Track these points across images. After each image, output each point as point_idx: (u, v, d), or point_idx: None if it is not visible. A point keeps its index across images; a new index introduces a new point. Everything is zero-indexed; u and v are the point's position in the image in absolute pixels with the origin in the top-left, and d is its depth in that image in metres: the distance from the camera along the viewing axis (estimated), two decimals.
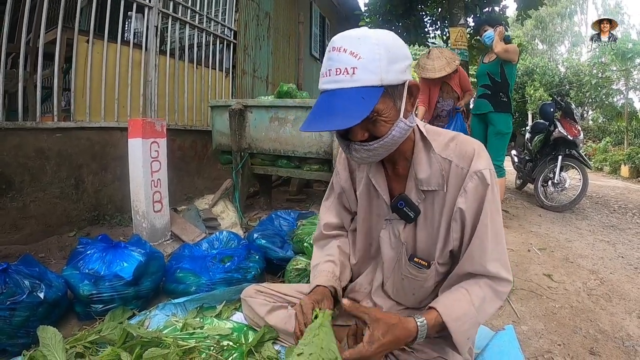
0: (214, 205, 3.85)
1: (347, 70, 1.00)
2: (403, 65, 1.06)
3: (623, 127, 15.91)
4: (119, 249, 2.21)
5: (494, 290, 1.21)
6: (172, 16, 4.67)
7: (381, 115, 1.06)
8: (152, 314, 1.99)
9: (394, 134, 1.09)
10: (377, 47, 1.01)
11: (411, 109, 1.15)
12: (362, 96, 1.00)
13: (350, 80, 1.00)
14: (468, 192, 1.19)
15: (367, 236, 1.48)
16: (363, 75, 1.00)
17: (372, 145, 1.10)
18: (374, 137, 1.10)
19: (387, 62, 1.02)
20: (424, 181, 1.25)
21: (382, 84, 1.02)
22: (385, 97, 1.04)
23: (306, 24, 9.20)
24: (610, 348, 2.01)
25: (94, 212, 3.69)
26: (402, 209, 1.29)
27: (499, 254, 1.21)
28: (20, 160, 3.11)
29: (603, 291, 2.74)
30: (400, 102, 1.08)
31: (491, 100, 4.46)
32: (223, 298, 2.09)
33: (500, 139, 4.46)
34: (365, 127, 1.08)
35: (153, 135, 3.03)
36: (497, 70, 4.41)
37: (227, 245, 2.68)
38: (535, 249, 3.62)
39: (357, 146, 1.11)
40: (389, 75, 1.02)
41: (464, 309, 1.17)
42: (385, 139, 1.09)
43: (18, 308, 1.72)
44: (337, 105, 1.01)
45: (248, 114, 3.83)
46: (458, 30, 6.96)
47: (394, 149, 1.17)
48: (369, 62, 1.00)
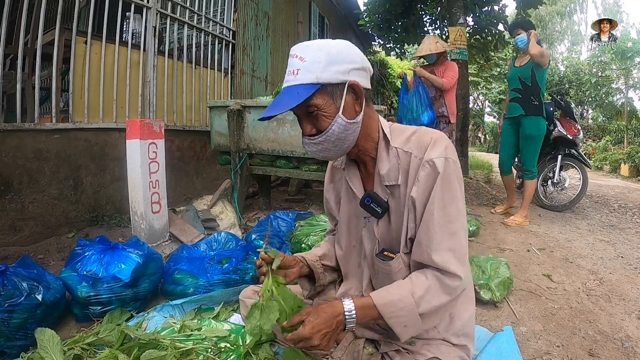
0: (213, 206, 3.84)
1: (294, 71, 1.19)
2: (344, 67, 1.20)
3: (623, 126, 15.91)
4: (117, 251, 2.21)
5: (440, 283, 1.20)
6: (171, 16, 4.66)
7: (320, 110, 1.20)
8: (150, 316, 1.99)
9: (334, 128, 1.21)
10: (320, 52, 1.18)
11: (359, 110, 1.26)
12: (297, 91, 1.17)
13: (293, 79, 1.19)
14: (420, 181, 1.23)
15: (350, 238, 1.53)
16: (303, 75, 1.17)
17: (317, 139, 1.23)
18: (319, 131, 1.23)
19: (325, 64, 1.17)
20: (385, 177, 1.31)
21: (318, 81, 1.16)
22: (322, 94, 1.19)
23: (305, 23, 9.19)
24: (609, 349, 2.00)
25: (93, 213, 3.68)
26: (369, 206, 1.35)
27: (450, 245, 1.20)
28: (18, 162, 3.11)
29: (602, 291, 2.73)
30: (339, 100, 1.21)
31: (522, 104, 4.49)
32: (221, 299, 2.10)
33: (530, 142, 4.51)
34: (310, 122, 1.23)
35: (151, 136, 3.02)
36: (528, 74, 4.43)
37: (225, 246, 2.68)
38: (535, 249, 3.62)
39: (307, 140, 1.27)
40: (324, 74, 1.17)
41: (400, 295, 1.20)
42: (326, 134, 1.22)
43: (16, 310, 1.73)
44: (280, 99, 1.21)
45: (246, 114, 3.82)
46: (457, 29, 6.96)
47: (344, 145, 1.27)
48: (310, 64, 1.17)
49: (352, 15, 11.50)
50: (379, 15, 9.23)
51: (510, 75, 4.77)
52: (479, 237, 3.92)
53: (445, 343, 1.34)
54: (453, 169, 1.22)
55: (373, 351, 1.41)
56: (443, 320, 1.35)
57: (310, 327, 1.16)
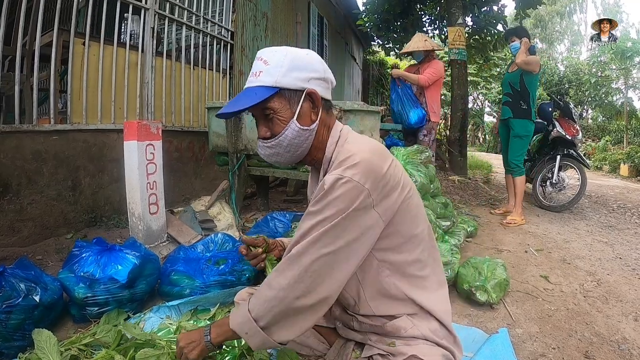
0: (211, 207, 3.85)
1: (256, 73, 1.22)
2: (304, 75, 1.22)
3: (622, 126, 15.94)
4: (114, 252, 2.21)
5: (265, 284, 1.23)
6: (169, 17, 4.65)
7: (276, 113, 1.21)
8: (147, 317, 2.00)
9: (287, 133, 1.22)
10: (284, 57, 1.21)
11: (315, 117, 1.27)
12: (255, 92, 1.19)
13: (255, 80, 1.21)
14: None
15: None
16: (263, 77, 1.20)
17: (270, 142, 1.25)
18: (273, 135, 1.24)
19: (287, 69, 1.19)
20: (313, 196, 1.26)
21: (277, 85, 1.19)
22: (280, 98, 1.21)
23: (304, 24, 9.17)
24: (605, 351, 2.01)
25: (91, 214, 3.69)
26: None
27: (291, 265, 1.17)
28: (17, 163, 3.11)
29: (600, 293, 2.74)
30: (295, 106, 1.22)
31: (512, 107, 4.77)
32: (217, 301, 2.10)
33: (518, 141, 4.77)
34: (265, 125, 1.25)
35: (148, 137, 3.03)
36: (517, 80, 4.68)
37: (222, 247, 2.68)
38: (533, 250, 3.62)
39: (261, 143, 1.29)
40: (284, 79, 1.19)
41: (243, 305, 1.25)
42: (279, 138, 1.23)
43: (14, 311, 1.73)
44: (238, 98, 1.25)
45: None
46: (456, 29, 6.95)
47: (297, 152, 1.28)
48: (272, 67, 1.20)
49: (352, 15, 11.50)
50: (378, 16, 9.24)
51: (503, 80, 5.05)
52: (476, 238, 3.92)
53: (426, 342, 1.30)
54: (340, 191, 1.12)
55: (359, 354, 1.41)
56: (417, 318, 1.32)
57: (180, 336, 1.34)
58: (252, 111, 1.25)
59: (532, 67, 4.52)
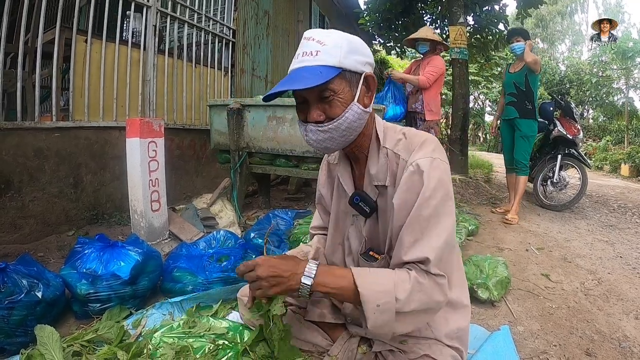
0: (212, 205, 3.85)
1: (312, 52, 1.15)
2: (362, 59, 1.19)
3: (623, 126, 15.92)
4: (117, 249, 2.21)
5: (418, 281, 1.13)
6: (171, 15, 4.66)
7: (337, 95, 1.16)
8: (149, 313, 2.00)
9: (347, 116, 1.17)
10: (340, 39, 1.16)
11: (368, 103, 1.24)
12: (320, 71, 1.12)
13: (312, 59, 1.14)
14: (401, 183, 1.20)
15: (335, 234, 1.53)
16: (324, 56, 1.14)
17: (326, 125, 1.18)
18: (329, 119, 1.18)
19: (347, 51, 1.15)
20: (374, 176, 1.30)
21: (340, 66, 1.14)
22: (341, 79, 1.16)
23: (305, 22, 9.17)
24: (606, 349, 2.01)
25: (93, 211, 3.69)
26: (357, 204, 1.34)
27: (430, 244, 1.13)
28: (19, 160, 3.11)
29: (601, 291, 2.74)
30: (356, 89, 1.19)
31: (517, 108, 4.77)
32: (219, 297, 2.10)
33: (525, 141, 4.81)
34: (321, 107, 1.18)
35: (151, 134, 3.03)
36: (522, 80, 4.71)
37: (224, 244, 2.68)
38: (534, 248, 3.62)
39: (312, 127, 1.20)
40: (346, 60, 1.15)
41: (377, 272, 1.17)
42: (339, 120, 1.17)
43: (16, 307, 1.74)
44: (297, 76, 1.14)
45: (246, 113, 3.83)
46: (457, 28, 6.94)
47: (349, 137, 1.23)
48: (331, 47, 1.14)
49: (353, 14, 11.47)
50: (379, 15, 9.21)
51: (505, 80, 5.05)
52: (477, 236, 3.92)
53: (438, 343, 1.33)
54: (439, 170, 1.18)
55: (367, 350, 1.41)
56: (436, 320, 1.34)
57: (265, 259, 1.18)
58: (307, 93, 1.17)
59: (538, 66, 4.60)
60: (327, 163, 1.58)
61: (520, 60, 4.74)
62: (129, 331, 1.81)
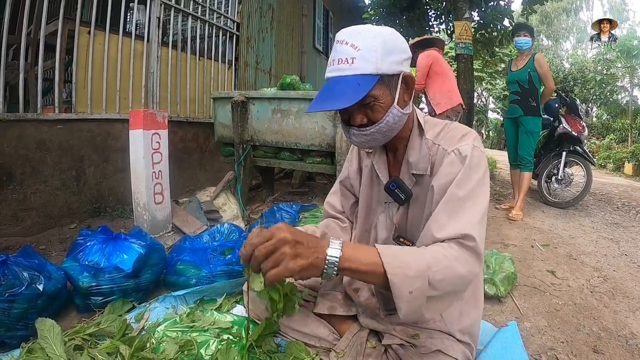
0: (216, 198, 3.83)
1: (347, 60, 1.13)
2: (399, 57, 1.18)
3: (627, 124, 15.86)
4: (119, 241, 2.19)
5: (460, 249, 1.09)
6: (175, 8, 4.63)
7: (377, 100, 1.17)
8: (152, 307, 1.98)
9: (388, 119, 1.19)
10: (375, 40, 1.13)
11: (408, 100, 1.26)
12: (358, 82, 1.12)
13: (349, 68, 1.13)
14: (441, 169, 1.22)
15: (365, 222, 1.52)
16: (361, 64, 1.12)
17: (368, 130, 1.21)
18: (371, 122, 1.20)
19: (383, 54, 1.13)
20: (413, 164, 1.31)
21: (378, 72, 1.13)
22: (380, 85, 1.15)
23: (309, 16, 9.14)
24: (613, 346, 1.99)
25: (95, 204, 3.68)
26: (394, 191, 1.34)
27: (468, 217, 1.12)
28: (21, 152, 3.10)
29: (606, 289, 2.72)
30: (395, 91, 1.19)
31: (521, 105, 4.79)
32: (224, 291, 2.08)
33: (529, 137, 4.81)
34: (363, 112, 1.19)
35: (154, 126, 3.01)
36: (525, 78, 4.71)
37: (228, 237, 2.66)
38: (539, 245, 3.60)
39: (355, 131, 1.23)
40: (383, 65, 1.13)
41: (408, 253, 1.10)
42: (380, 124, 1.20)
43: (17, 300, 1.71)
44: (336, 90, 1.14)
45: (250, 105, 3.80)
46: (463, 24, 6.90)
47: (391, 135, 1.26)
48: (366, 52, 1.12)
49: (357, 9, 11.44)
50: (384, 9, 9.18)
51: (508, 78, 5.04)
52: None
53: (449, 337, 1.33)
54: (479, 157, 1.20)
55: (377, 344, 1.40)
56: (450, 314, 1.34)
57: (285, 224, 1.06)
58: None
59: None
60: (357, 149, 1.59)
61: (523, 57, 4.78)
62: (132, 325, 1.79)
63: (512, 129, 5.04)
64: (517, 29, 4.88)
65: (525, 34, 4.71)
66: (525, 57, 4.75)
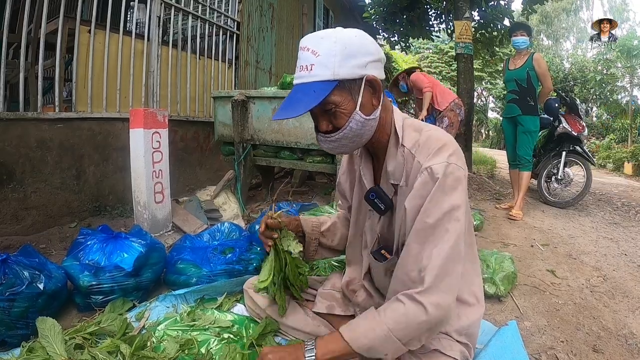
0: (216, 197, 3.83)
1: (307, 67, 1.13)
2: (362, 61, 1.14)
3: (627, 124, 15.82)
4: (120, 240, 2.19)
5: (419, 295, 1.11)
6: (175, 6, 4.62)
7: (339, 107, 1.15)
8: (152, 306, 1.98)
9: (351, 126, 1.16)
10: (335, 45, 1.11)
11: (377, 104, 1.22)
12: (314, 89, 1.11)
13: (308, 75, 1.13)
14: (414, 189, 1.17)
15: (356, 225, 1.53)
16: (318, 71, 1.11)
17: (334, 136, 1.19)
18: (335, 128, 1.18)
19: (342, 58, 1.11)
20: (390, 174, 1.28)
21: (336, 78, 1.11)
22: (340, 90, 1.13)
23: (310, 15, 9.13)
24: (613, 346, 1.99)
25: (96, 203, 3.68)
26: (373, 201, 1.33)
27: (433, 262, 1.11)
28: (21, 151, 3.09)
29: (606, 288, 2.72)
30: (357, 96, 1.16)
31: (519, 105, 4.78)
32: (224, 290, 2.08)
33: (528, 136, 4.81)
34: (327, 118, 1.18)
35: (155, 125, 3.01)
36: (523, 77, 4.71)
37: (228, 236, 2.66)
38: (539, 244, 3.60)
39: (322, 137, 1.22)
40: (342, 70, 1.11)
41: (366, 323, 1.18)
42: (344, 131, 1.17)
43: (17, 299, 1.71)
44: (294, 98, 1.15)
45: (251, 104, 3.80)
46: (463, 23, 6.90)
47: (361, 141, 1.23)
48: (324, 58, 1.11)
49: (357, 8, 11.44)
50: (384, 8, 9.17)
51: (506, 77, 5.04)
52: (482, 231, 3.90)
53: (447, 337, 1.33)
54: (452, 176, 1.14)
55: None
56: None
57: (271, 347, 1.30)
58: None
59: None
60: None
61: (521, 56, 4.79)
62: (132, 324, 1.79)
63: (510, 129, 5.02)
64: (515, 29, 4.90)
65: (522, 33, 4.72)
66: (523, 56, 4.76)
